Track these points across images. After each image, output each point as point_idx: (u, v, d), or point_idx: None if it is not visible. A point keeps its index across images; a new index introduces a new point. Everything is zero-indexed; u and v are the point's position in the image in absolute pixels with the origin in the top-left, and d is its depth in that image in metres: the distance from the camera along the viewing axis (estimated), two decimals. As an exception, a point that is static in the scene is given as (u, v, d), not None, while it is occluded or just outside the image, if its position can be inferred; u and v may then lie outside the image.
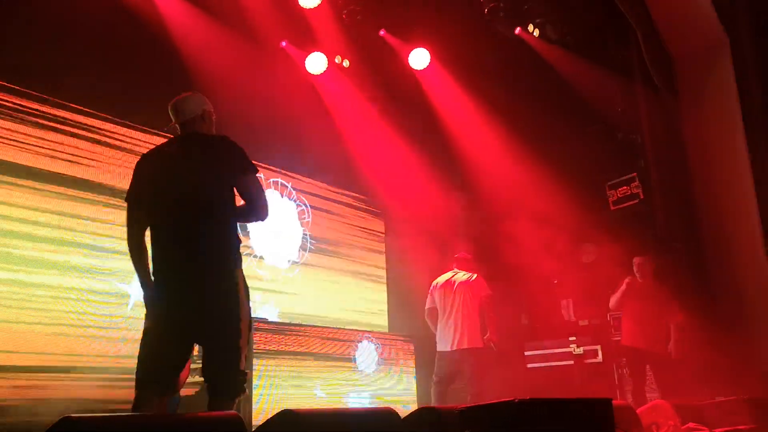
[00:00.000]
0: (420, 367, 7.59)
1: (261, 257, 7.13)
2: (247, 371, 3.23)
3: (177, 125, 3.46)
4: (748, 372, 5.79)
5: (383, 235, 8.79)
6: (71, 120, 5.73)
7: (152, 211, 3.27)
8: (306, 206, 7.81)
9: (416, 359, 7.64)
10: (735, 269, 6.58)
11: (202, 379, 3.26)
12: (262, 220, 3.35)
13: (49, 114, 5.59)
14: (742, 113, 6.57)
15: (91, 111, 5.86)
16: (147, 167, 3.36)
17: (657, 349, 6.13)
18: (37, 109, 5.50)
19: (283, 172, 7.59)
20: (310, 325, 6.84)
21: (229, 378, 3.16)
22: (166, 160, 3.35)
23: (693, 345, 6.20)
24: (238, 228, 3.33)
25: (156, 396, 3.16)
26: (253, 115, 6.47)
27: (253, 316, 3.36)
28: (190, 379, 5.13)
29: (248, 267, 6.65)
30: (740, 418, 4.75)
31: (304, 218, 7.77)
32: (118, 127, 6.07)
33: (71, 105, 5.74)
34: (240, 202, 3.33)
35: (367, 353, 7.21)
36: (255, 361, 6.03)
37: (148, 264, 3.27)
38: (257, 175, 3.31)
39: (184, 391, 5.50)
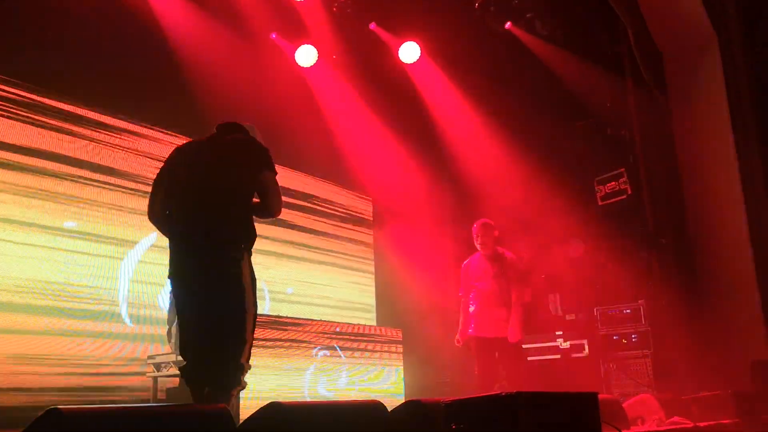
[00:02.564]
0: (408, 359, 7.58)
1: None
2: (245, 363, 3.22)
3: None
4: (735, 366, 5.82)
5: (371, 227, 8.78)
6: (54, 108, 5.66)
7: (172, 194, 3.42)
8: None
9: (404, 351, 7.62)
10: (722, 264, 6.62)
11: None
12: (272, 217, 3.48)
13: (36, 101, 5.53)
14: (730, 110, 6.61)
15: (71, 100, 5.77)
16: (177, 156, 3.53)
17: (504, 334, 5.62)
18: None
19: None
20: (297, 317, 6.81)
21: (228, 369, 3.17)
22: (194, 152, 3.53)
23: (681, 339, 6.24)
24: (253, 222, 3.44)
25: (189, 384, 3.20)
26: (241, 106, 6.41)
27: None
28: (174, 371, 5.10)
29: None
30: (724, 413, 4.80)
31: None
32: (102, 116, 5.93)
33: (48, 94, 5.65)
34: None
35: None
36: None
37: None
38: (275, 175, 3.43)
39: (172, 381, 5.48)
